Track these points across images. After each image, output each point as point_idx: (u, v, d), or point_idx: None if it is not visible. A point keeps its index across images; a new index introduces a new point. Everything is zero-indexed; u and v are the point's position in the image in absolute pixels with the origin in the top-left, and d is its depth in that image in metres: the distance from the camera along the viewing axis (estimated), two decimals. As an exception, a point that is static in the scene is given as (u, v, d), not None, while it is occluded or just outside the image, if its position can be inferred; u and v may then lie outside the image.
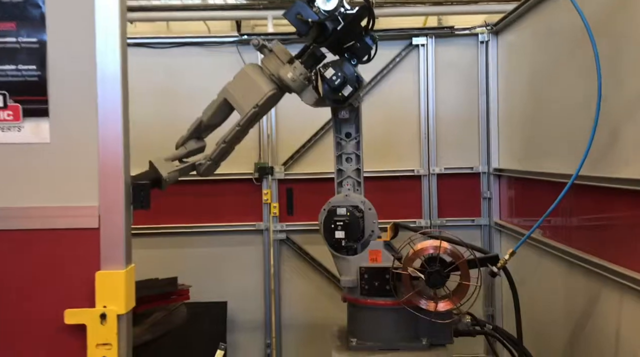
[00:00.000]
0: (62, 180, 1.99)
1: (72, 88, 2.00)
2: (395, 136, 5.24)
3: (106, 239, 1.95)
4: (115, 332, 1.89)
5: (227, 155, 3.59)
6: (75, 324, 1.91)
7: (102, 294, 1.92)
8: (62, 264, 1.97)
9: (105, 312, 1.91)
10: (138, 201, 2.02)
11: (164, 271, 5.04)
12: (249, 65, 3.48)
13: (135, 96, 5.19)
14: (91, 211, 1.96)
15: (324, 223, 3.45)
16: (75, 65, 2.01)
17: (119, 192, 1.94)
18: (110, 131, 1.93)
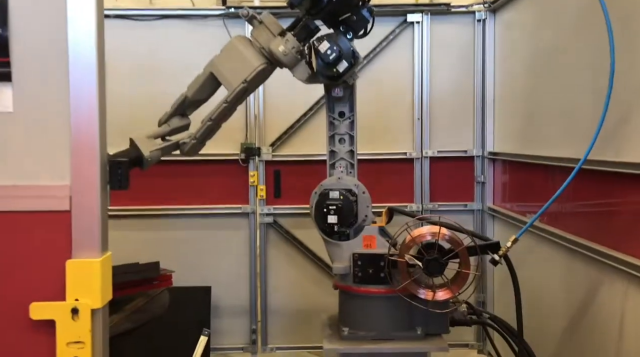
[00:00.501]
0: (27, 155, 1.74)
1: (39, 49, 1.75)
2: (387, 117, 5.06)
3: (79, 223, 1.70)
4: (88, 328, 1.67)
5: (213, 133, 3.38)
6: (42, 320, 1.68)
7: (73, 286, 1.69)
8: (28, 252, 1.73)
9: (77, 306, 1.69)
10: (115, 181, 1.80)
11: (145, 255, 4.83)
12: (237, 38, 3.25)
13: (117, 71, 5.04)
14: (61, 191, 1.72)
15: (316, 207, 3.26)
16: (42, 22, 1.76)
17: (93, 170, 1.70)
18: (84, 100, 1.70)
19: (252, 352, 5.11)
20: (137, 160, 3.17)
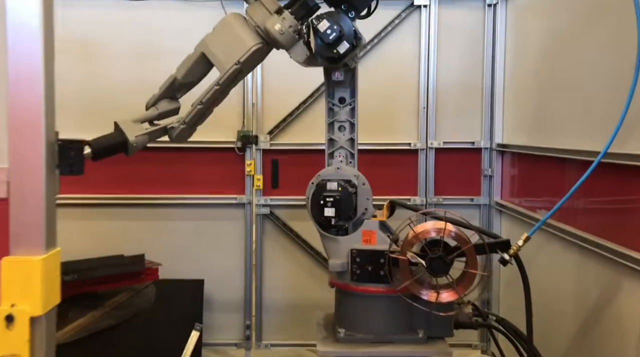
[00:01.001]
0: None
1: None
2: (391, 106, 4.83)
3: (18, 214, 1.45)
4: (26, 339, 1.41)
5: (204, 118, 3.17)
6: (-31, 329, 1.40)
7: (9, 289, 1.43)
8: (-45, 246, 1.46)
9: (12, 313, 1.43)
10: (66, 165, 1.55)
11: (135, 245, 4.65)
12: (231, 15, 3.03)
13: (109, 54, 4.83)
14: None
15: (312, 199, 3.05)
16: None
17: (37, 152, 1.45)
18: (25, 69, 1.46)
19: (246, 348, 4.91)
20: (121, 145, 2.97)
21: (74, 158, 1.54)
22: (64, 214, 4.52)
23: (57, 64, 4.62)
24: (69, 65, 4.68)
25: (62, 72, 4.60)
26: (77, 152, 1.55)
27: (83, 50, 4.70)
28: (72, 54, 4.68)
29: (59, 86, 4.62)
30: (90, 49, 4.70)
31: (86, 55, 4.71)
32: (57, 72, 4.61)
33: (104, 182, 4.66)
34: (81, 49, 4.70)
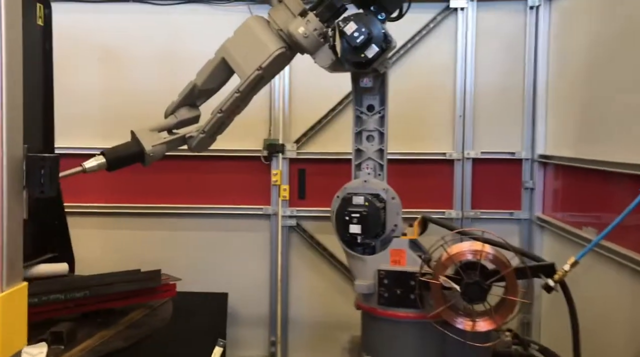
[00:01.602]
0: None
1: None
2: (425, 113, 4.58)
3: None
4: None
5: (225, 127, 3.00)
6: None
7: None
8: None
9: None
10: (35, 184, 1.34)
11: (157, 257, 4.54)
12: (253, 18, 2.86)
13: (133, 59, 4.73)
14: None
15: (337, 214, 2.84)
16: None
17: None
18: None
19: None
20: (137, 155, 2.84)
21: (46, 176, 1.34)
22: (83, 223, 4.52)
23: (83, 70, 4.59)
24: (93, 72, 4.61)
25: (87, 79, 4.61)
26: (50, 169, 1.35)
27: (107, 56, 4.62)
28: (96, 60, 4.61)
29: (83, 93, 4.61)
30: (114, 55, 4.62)
31: (110, 61, 4.62)
32: (81, 79, 4.59)
33: (125, 191, 4.56)
34: (106, 54, 4.62)
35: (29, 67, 3.46)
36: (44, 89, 3.55)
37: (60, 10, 4.18)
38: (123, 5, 4.58)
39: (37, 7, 3.47)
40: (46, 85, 3.56)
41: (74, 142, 4.45)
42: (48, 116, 3.59)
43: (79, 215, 4.49)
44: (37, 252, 3.48)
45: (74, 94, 4.55)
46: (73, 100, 4.53)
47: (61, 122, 4.23)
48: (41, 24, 3.51)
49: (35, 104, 3.51)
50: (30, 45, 3.45)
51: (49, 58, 3.57)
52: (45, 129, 3.58)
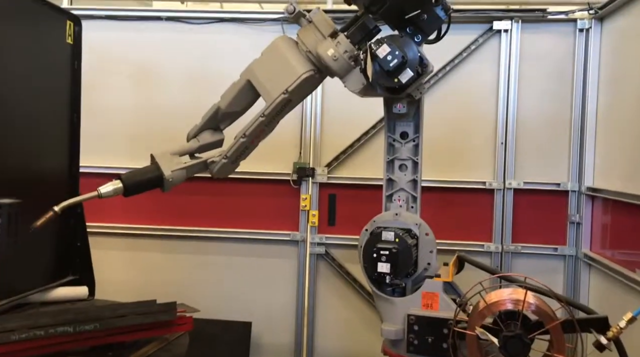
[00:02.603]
0: None
1: None
2: (464, 139, 4.34)
3: None
4: None
5: (248, 152, 2.83)
6: None
7: None
8: None
9: None
10: None
11: (180, 280, 4.45)
12: (281, 39, 2.70)
13: (165, 78, 4.66)
14: None
15: (365, 250, 2.63)
16: None
17: None
18: None
19: (294, 399, 4.51)
20: (156, 180, 2.70)
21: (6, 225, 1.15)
22: (106, 244, 4.43)
23: (114, 88, 4.54)
24: (124, 90, 4.56)
25: (118, 97, 4.56)
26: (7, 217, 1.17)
27: (139, 75, 4.56)
28: (127, 78, 4.56)
29: (113, 112, 4.55)
30: (145, 74, 4.56)
31: (141, 79, 4.56)
32: (112, 97, 4.54)
33: (150, 211, 4.46)
34: (137, 73, 4.56)
35: (56, 85, 3.44)
36: (71, 107, 3.50)
37: (93, 28, 4.17)
38: (155, 24, 4.53)
39: (67, 25, 3.43)
40: (73, 103, 3.50)
41: (102, 161, 4.38)
42: (74, 134, 3.53)
43: (103, 235, 4.41)
44: (58, 274, 3.41)
45: (104, 112, 4.51)
46: (103, 119, 4.49)
47: (90, 141, 4.18)
48: (70, 42, 3.46)
49: (61, 122, 3.45)
50: (59, 63, 3.41)
51: (77, 76, 3.52)
52: (71, 148, 3.52)
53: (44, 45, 3.26)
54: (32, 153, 3.16)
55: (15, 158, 2.99)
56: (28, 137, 3.11)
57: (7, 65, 2.90)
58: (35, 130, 3.18)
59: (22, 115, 3.04)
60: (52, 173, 3.36)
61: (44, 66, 3.27)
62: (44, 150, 3.30)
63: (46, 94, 3.30)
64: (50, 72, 3.34)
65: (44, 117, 3.28)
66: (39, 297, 3.20)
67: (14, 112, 2.97)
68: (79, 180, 3.52)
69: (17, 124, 3.00)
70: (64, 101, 3.46)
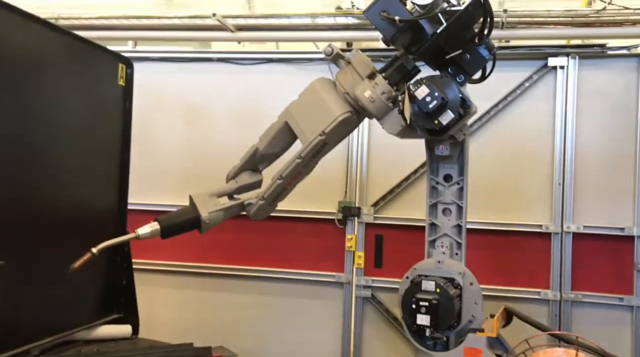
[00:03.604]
0: None
1: None
2: (518, 180, 4.13)
3: None
4: None
5: (286, 194, 2.79)
6: None
7: None
8: None
9: None
10: None
11: (223, 319, 4.42)
12: (319, 80, 2.68)
13: (215, 117, 4.74)
14: None
15: (404, 299, 2.50)
16: None
17: None
18: None
19: None
20: (193, 222, 2.69)
21: None
22: (155, 281, 4.46)
23: (166, 127, 4.64)
24: (175, 129, 4.66)
25: (168, 136, 4.65)
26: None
27: (189, 114, 4.66)
28: (179, 117, 4.66)
29: (164, 150, 4.64)
30: (196, 113, 4.65)
31: (192, 118, 4.65)
32: (164, 136, 4.64)
33: (196, 249, 4.47)
34: (187, 112, 4.66)
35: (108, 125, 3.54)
36: (121, 147, 3.58)
37: (145, 69, 4.31)
38: (206, 65, 4.63)
39: (120, 68, 3.55)
40: (123, 143, 3.59)
41: (153, 199, 4.46)
42: (124, 173, 3.60)
43: (150, 272, 4.45)
44: (103, 312, 3.44)
45: (156, 150, 4.61)
46: (154, 157, 4.59)
47: (141, 178, 4.28)
48: (122, 83, 3.57)
49: (112, 160, 3.54)
50: (111, 103, 3.52)
51: (128, 117, 3.62)
52: (121, 186, 3.59)
53: (97, 86, 3.38)
54: (83, 191, 3.24)
55: (67, 196, 3.07)
56: (79, 176, 3.19)
57: (62, 105, 3.02)
58: (87, 168, 3.27)
59: (74, 154, 3.13)
60: (101, 211, 3.43)
61: (97, 107, 3.38)
62: (95, 188, 3.37)
63: (98, 133, 3.40)
64: (102, 112, 3.44)
65: (95, 156, 3.37)
66: (83, 335, 3.23)
67: (67, 151, 3.07)
68: (126, 218, 3.57)
69: (70, 163, 3.10)
70: (115, 140, 3.55)
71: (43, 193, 2.89)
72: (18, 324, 2.75)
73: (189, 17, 4.50)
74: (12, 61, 2.67)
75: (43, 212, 2.88)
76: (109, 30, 4.63)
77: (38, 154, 2.87)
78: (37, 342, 2.82)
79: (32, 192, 2.82)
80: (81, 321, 3.23)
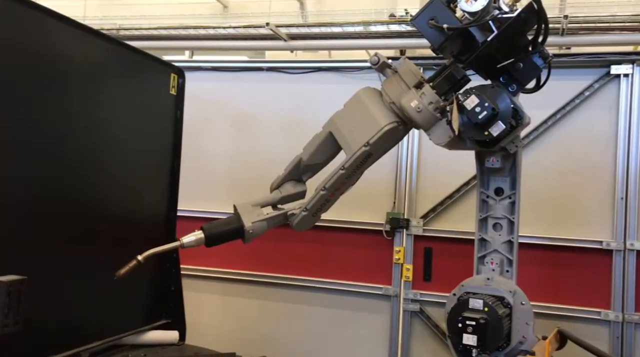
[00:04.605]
0: None
1: None
2: (576, 194, 3.94)
3: None
4: None
5: (329, 205, 2.74)
6: None
7: None
8: None
9: None
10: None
11: (270, 328, 4.41)
12: (364, 90, 2.62)
13: (264, 126, 4.76)
14: None
15: (450, 317, 2.40)
16: None
17: None
18: None
19: None
20: (236, 232, 2.68)
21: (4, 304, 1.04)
22: (204, 287, 4.50)
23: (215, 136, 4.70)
24: (225, 138, 4.71)
25: (218, 145, 4.70)
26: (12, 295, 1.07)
27: (239, 123, 4.70)
28: (229, 125, 4.71)
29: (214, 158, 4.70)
30: (245, 121, 4.69)
31: (241, 127, 4.69)
32: (214, 144, 4.70)
33: (245, 257, 4.49)
34: (237, 121, 4.70)
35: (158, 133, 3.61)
36: (172, 155, 3.65)
37: (198, 78, 4.39)
38: (256, 74, 4.67)
39: (172, 77, 3.61)
40: (174, 150, 3.65)
41: (203, 206, 4.51)
42: (174, 181, 3.66)
43: (199, 278, 4.51)
44: (152, 317, 3.50)
45: (206, 158, 4.67)
46: (204, 165, 4.65)
47: (191, 186, 4.34)
48: (174, 93, 3.64)
49: (162, 168, 3.61)
50: (162, 112, 3.59)
51: (179, 125, 3.68)
52: (171, 193, 3.65)
53: (150, 95, 3.46)
54: (134, 198, 3.31)
55: (118, 202, 3.15)
56: (131, 183, 3.26)
57: (114, 114, 3.10)
58: (138, 175, 3.34)
59: (126, 161, 3.21)
60: (152, 217, 3.50)
61: (149, 115, 3.46)
62: (145, 195, 3.44)
63: (149, 141, 3.47)
64: (154, 121, 3.52)
65: (146, 164, 3.45)
66: (131, 340, 3.29)
67: (120, 158, 3.15)
68: (175, 225, 3.62)
69: (122, 170, 3.17)
70: (166, 148, 3.61)
71: (95, 199, 2.97)
72: (69, 327, 2.83)
73: (244, 26, 4.56)
74: (69, 71, 2.77)
75: (95, 217, 2.96)
76: (168, 40, 4.75)
77: (92, 161, 2.96)
78: (87, 345, 2.90)
79: (85, 199, 2.90)
80: (130, 325, 3.30)
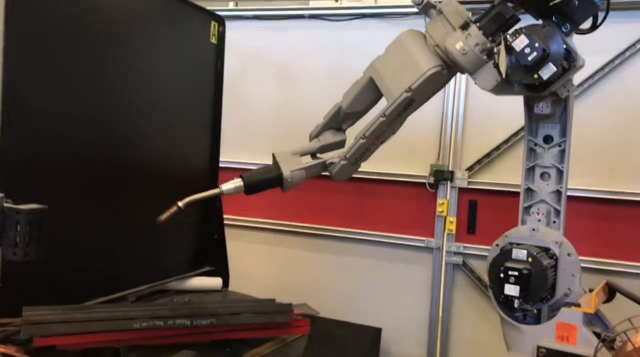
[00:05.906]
0: None
1: None
2: (632, 146, 3.73)
3: None
4: None
5: (369, 154, 2.67)
6: None
7: None
8: None
9: None
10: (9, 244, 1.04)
11: (313, 278, 4.48)
12: (407, 32, 2.50)
13: (307, 75, 4.68)
14: None
15: (492, 267, 2.34)
16: None
17: None
18: None
19: (424, 413, 4.28)
20: (275, 180, 2.67)
21: (21, 236, 1.06)
22: (249, 237, 4.58)
23: (257, 86, 4.67)
24: (267, 88, 4.67)
25: (260, 95, 4.67)
26: (28, 226, 1.08)
27: (281, 72, 4.64)
28: (270, 76, 4.66)
29: (255, 109, 4.68)
30: (288, 71, 4.63)
31: (284, 76, 4.64)
32: (255, 95, 4.67)
33: (291, 208, 4.53)
34: (280, 70, 4.65)
35: (200, 84, 3.60)
36: (213, 105, 3.65)
37: (239, 27, 4.32)
38: (299, 22, 4.57)
39: (212, 25, 3.57)
40: (215, 101, 3.65)
41: (244, 157, 4.54)
42: (215, 131, 3.68)
43: (246, 228, 4.58)
44: (196, 264, 3.59)
45: (247, 109, 4.66)
46: (245, 116, 4.64)
47: (233, 137, 4.36)
48: (215, 42, 3.60)
49: (204, 119, 3.62)
50: (203, 62, 3.57)
51: (220, 75, 3.66)
52: (212, 144, 3.68)
53: (190, 45, 3.43)
54: (176, 147, 3.35)
55: (161, 151, 3.19)
56: (172, 132, 3.30)
57: (155, 65, 3.10)
58: (179, 125, 3.36)
59: (168, 113, 3.23)
60: (194, 167, 3.54)
61: (189, 65, 3.44)
62: (187, 144, 3.47)
63: (190, 92, 3.47)
64: (195, 71, 3.51)
65: (188, 114, 3.46)
66: (176, 285, 3.39)
67: (161, 110, 3.17)
68: (218, 174, 3.65)
69: (164, 121, 3.20)
70: (207, 99, 3.61)
71: (138, 148, 3.02)
72: (117, 272, 2.94)
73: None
74: (107, 20, 2.76)
75: (141, 165, 3.02)
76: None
77: (134, 110, 2.99)
78: (134, 289, 3.01)
79: (128, 148, 2.95)
80: (175, 271, 3.40)
